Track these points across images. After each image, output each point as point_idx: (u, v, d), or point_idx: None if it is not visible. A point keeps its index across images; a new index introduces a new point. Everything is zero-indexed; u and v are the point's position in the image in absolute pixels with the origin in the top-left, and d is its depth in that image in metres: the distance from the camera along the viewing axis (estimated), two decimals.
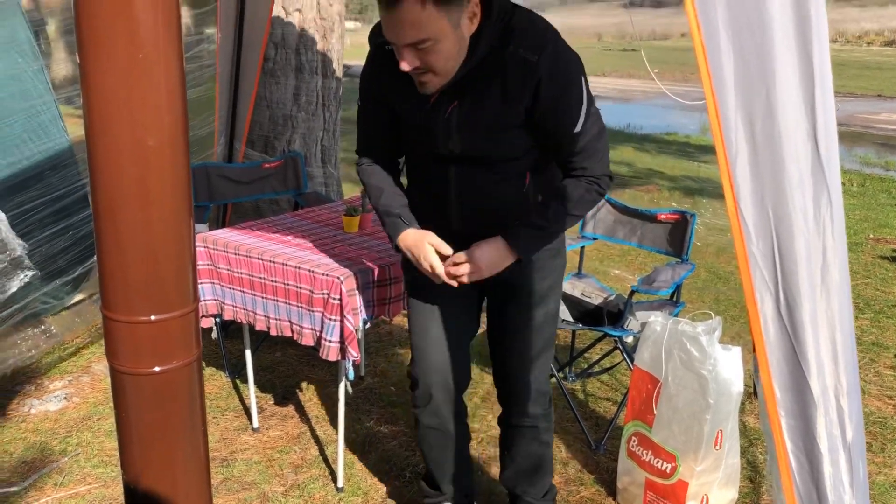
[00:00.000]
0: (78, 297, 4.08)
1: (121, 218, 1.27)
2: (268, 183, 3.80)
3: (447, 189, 2.03)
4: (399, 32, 1.74)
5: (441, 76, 1.82)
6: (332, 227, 3.01)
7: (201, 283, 2.95)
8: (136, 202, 1.26)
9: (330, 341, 2.50)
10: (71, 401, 3.29)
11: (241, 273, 2.77)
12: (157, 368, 1.34)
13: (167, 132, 1.26)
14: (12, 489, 2.68)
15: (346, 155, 4.42)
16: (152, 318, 1.31)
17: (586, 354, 3.75)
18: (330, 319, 2.48)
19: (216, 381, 3.52)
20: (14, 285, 2.84)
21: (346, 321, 2.44)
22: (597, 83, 18.73)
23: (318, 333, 2.55)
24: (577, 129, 1.86)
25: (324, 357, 2.51)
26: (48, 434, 3.04)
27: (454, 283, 2.02)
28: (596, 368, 3.64)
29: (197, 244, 2.90)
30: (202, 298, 2.94)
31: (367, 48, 2.02)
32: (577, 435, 3.10)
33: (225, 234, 2.90)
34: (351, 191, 4.97)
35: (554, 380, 3.19)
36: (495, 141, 1.91)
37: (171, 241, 1.31)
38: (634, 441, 2.68)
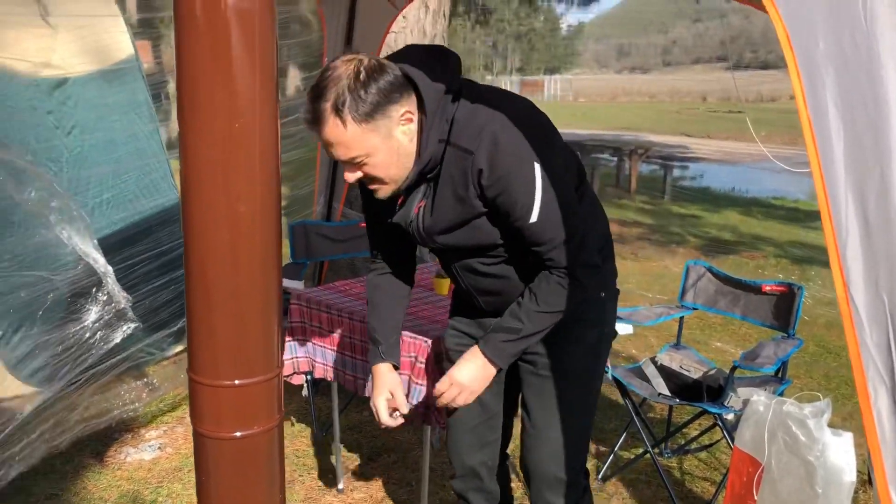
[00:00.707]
0: (178, 348, 4.21)
1: (211, 282, 1.28)
2: (363, 241, 3.84)
3: (456, 277, 2.02)
4: (329, 150, 1.70)
5: (390, 184, 1.76)
6: (422, 287, 3.00)
7: (294, 340, 2.98)
8: (227, 267, 1.28)
9: (415, 406, 2.47)
10: (164, 451, 3.36)
11: (332, 332, 2.79)
12: (238, 433, 1.34)
13: (259, 200, 1.27)
14: None
15: None
16: (236, 382, 1.32)
17: (684, 430, 3.58)
18: (416, 383, 2.45)
19: (304, 438, 3.54)
20: (118, 336, 2.95)
21: (431, 386, 2.41)
22: (701, 145, 18.39)
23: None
24: (533, 219, 1.71)
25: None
26: (141, 483, 3.10)
27: (391, 424, 2.05)
28: (694, 445, 3.47)
29: (292, 302, 2.94)
30: (294, 355, 2.98)
31: None
32: None
33: (318, 293, 2.93)
34: None
35: (648, 455, 3.05)
36: (469, 234, 1.82)
37: (258, 306, 1.32)
38: None
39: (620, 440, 3.27)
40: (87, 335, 2.89)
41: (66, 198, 2.73)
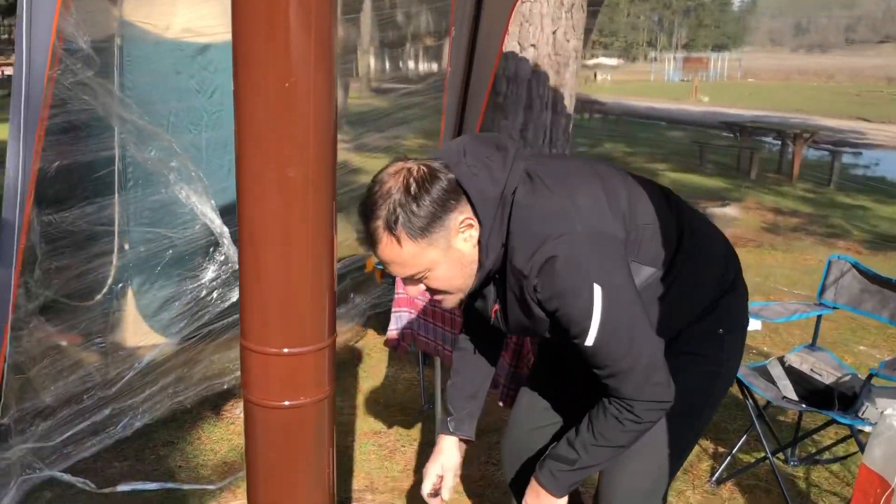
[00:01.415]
0: None
1: (261, 248, 1.26)
2: None
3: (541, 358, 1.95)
4: (390, 269, 1.58)
5: (455, 293, 1.65)
6: None
7: (400, 311, 2.97)
8: (277, 234, 1.25)
9: (510, 388, 2.39)
10: None
11: (435, 306, 2.75)
12: (286, 402, 1.31)
13: (311, 166, 1.23)
14: (209, 487, 2.85)
15: None
16: (285, 350, 1.29)
17: (818, 438, 3.29)
18: (511, 366, 2.37)
19: (413, 410, 3.54)
20: (233, 296, 3.05)
21: (524, 369, 2.32)
22: (879, 131, 16.93)
23: (500, 379, 2.45)
24: (589, 342, 1.54)
25: (500, 404, 2.40)
26: None
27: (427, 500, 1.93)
28: (826, 456, 3.17)
29: None
30: (398, 326, 2.97)
31: (627, 86, 1.87)
32: None
33: None
34: None
35: (768, 462, 2.81)
36: (545, 331, 1.69)
37: (309, 275, 1.28)
38: None
39: (740, 442, 3.04)
40: (204, 293, 3.00)
41: (185, 158, 2.83)
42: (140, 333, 3.27)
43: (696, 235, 1.77)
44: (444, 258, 1.54)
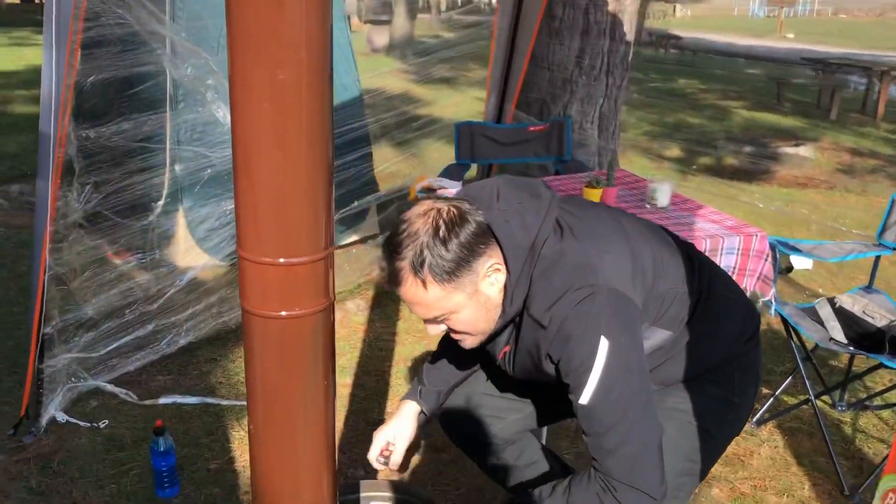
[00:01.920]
0: (352, 237, 4.34)
1: (253, 155, 1.23)
2: (531, 146, 3.69)
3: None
4: (411, 308, 1.55)
5: (476, 335, 1.61)
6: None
7: None
8: (269, 140, 1.22)
9: None
10: None
11: None
12: (283, 313, 1.30)
13: (304, 68, 1.18)
14: (224, 402, 2.91)
15: (629, 127, 4.15)
16: (280, 261, 1.27)
17: (868, 383, 3.17)
18: None
19: None
20: None
21: None
22: None
23: None
24: (584, 399, 1.46)
25: None
26: None
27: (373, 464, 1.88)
28: (877, 401, 3.05)
29: None
30: None
31: (708, 21, 1.74)
32: (830, 475, 2.62)
33: None
34: (629, 165, 4.69)
35: (812, 404, 2.72)
36: (547, 383, 1.63)
37: (303, 184, 1.25)
38: (891, 499, 2.18)
39: (785, 383, 2.95)
40: None
41: (221, 77, 2.81)
42: (183, 251, 3.32)
43: (715, 298, 1.70)
44: (469, 302, 1.51)
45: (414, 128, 4.43)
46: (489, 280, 1.51)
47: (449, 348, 1.95)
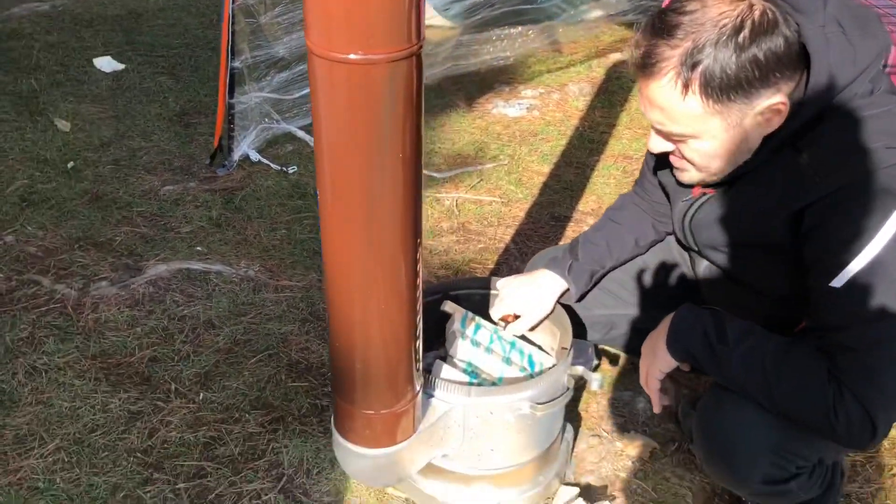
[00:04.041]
0: (596, 13, 3.84)
1: None
2: None
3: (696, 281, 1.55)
4: (646, 110, 1.24)
5: (702, 174, 1.28)
6: None
7: None
8: None
9: None
10: (531, 112, 3.19)
11: None
12: (352, 56, 1.01)
13: None
14: (436, 175, 2.74)
15: None
16: None
17: None
18: None
19: None
20: None
21: None
22: None
23: None
24: (839, 281, 1.12)
25: None
26: (492, 137, 3.00)
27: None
28: None
29: None
30: None
31: None
32: None
33: None
34: None
35: None
36: (741, 263, 1.37)
37: None
38: None
39: None
40: None
41: None
42: None
43: None
44: (723, 134, 1.19)
45: None
46: (762, 119, 1.18)
47: (621, 219, 1.64)
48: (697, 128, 1.19)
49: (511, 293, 1.57)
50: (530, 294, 1.56)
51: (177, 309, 2.06)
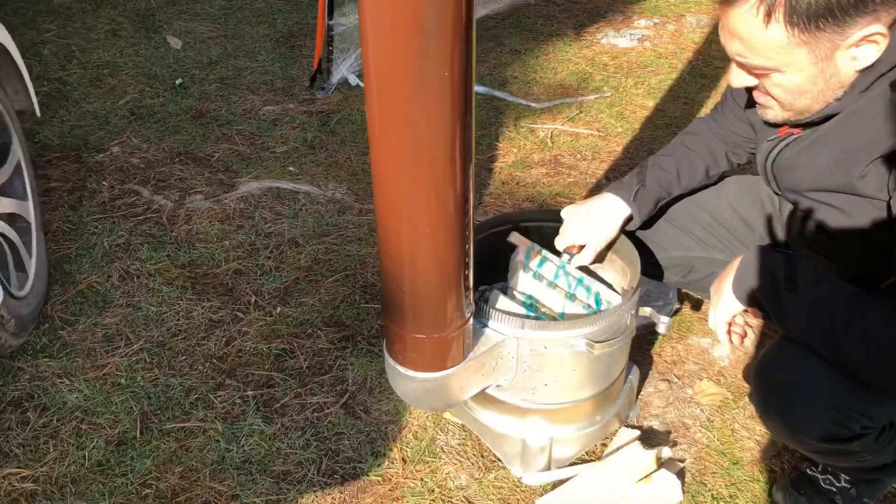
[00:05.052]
0: None
1: None
2: None
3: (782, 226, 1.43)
4: (725, 41, 1.14)
5: (787, 112, 1.18)
6: None
7: None
8: None
9: None
10: (643, 44, 3.03)
11: None
12: None
13: None
14: (534, 105, 2.67)
15: None
16: None
17: None
18: None
19: None
20: None
21: None
22: None
23: None
24: None
25: None
26: (598, 68, 2.88)
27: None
28: None
29: None
30: None
31: None
32: None
33: None
34: None
35: None
36: (819, 205, 1.26)
37: None
38: None
39: None
40: None
41: None
42: None
43: None
44: (811, 67, 1.09)
45: None
46: (854, 52, 1.07)
47: (694, 146, 1.52)
48: (781, 60, 1.08)
49: (574, 223, 1.50)
50: (593, 221, 1.49)
51: (264, 225, 2.12)
